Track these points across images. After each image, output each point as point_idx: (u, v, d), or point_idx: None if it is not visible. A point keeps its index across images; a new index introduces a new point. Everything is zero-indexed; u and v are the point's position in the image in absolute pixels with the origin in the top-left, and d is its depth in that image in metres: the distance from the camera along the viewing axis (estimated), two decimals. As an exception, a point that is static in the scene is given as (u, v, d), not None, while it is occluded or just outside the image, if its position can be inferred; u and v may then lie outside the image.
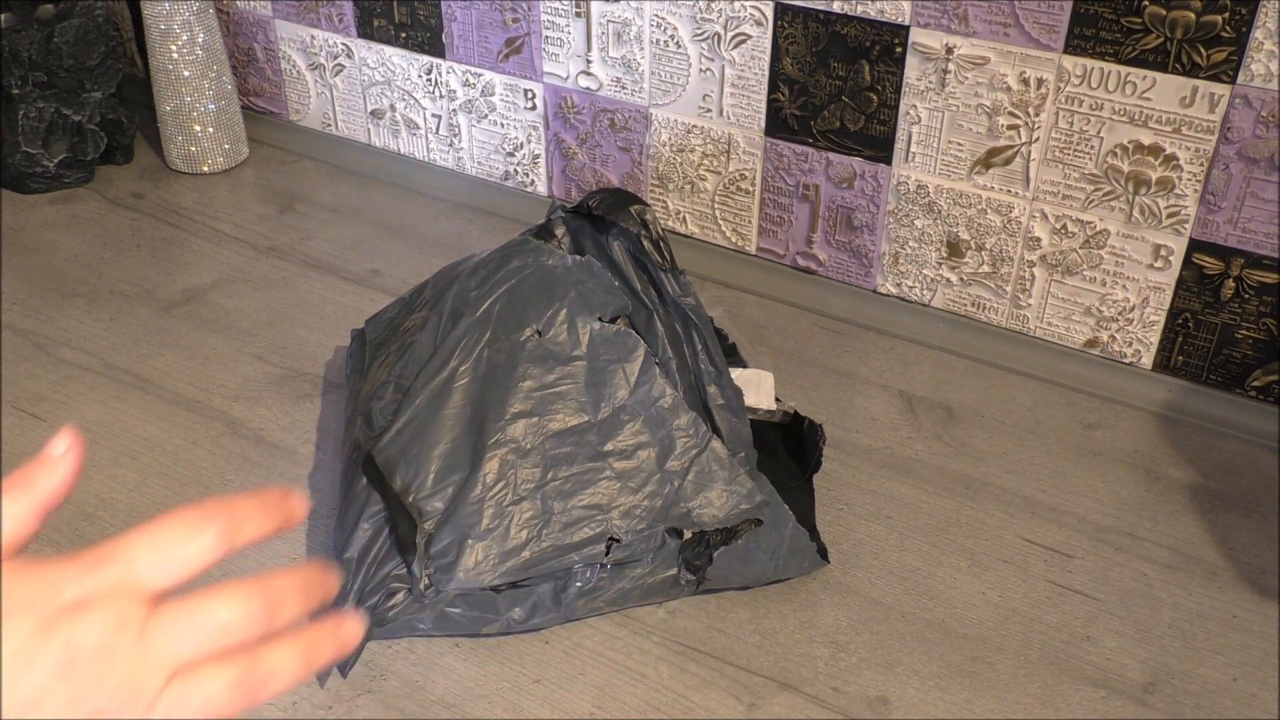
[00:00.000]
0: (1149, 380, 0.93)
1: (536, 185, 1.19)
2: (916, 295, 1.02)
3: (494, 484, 0.71)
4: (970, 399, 0.94)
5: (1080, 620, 0.74)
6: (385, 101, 1.24)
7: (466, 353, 0.75)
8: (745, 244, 1.08)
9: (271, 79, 1.31)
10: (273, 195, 1.23)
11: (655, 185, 1.11)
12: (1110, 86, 0.85)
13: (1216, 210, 0.86)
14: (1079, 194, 0.90)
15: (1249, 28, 0.79)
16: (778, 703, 0.68)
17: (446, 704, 0.67)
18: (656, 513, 0.72)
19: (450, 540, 0.70)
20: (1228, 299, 0.88)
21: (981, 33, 0.88)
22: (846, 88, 0.96)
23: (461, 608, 0.70)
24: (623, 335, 0.75)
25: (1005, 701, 0.68)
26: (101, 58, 1.22)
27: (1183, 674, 0.70)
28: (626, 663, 0.70)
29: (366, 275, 1.09)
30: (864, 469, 0.86)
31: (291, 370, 0.95)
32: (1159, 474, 0.86)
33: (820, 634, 0.72)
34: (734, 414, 0.77)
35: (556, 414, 0.73)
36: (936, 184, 0.96)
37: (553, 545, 0.70)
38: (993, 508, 0.82)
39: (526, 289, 0.77)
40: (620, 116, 1.09)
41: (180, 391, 0.92)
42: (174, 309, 1.03)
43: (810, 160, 1.01)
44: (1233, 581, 0.77)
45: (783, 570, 0.74)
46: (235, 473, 0.84)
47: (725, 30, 0.99)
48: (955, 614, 0.74)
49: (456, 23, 1.14)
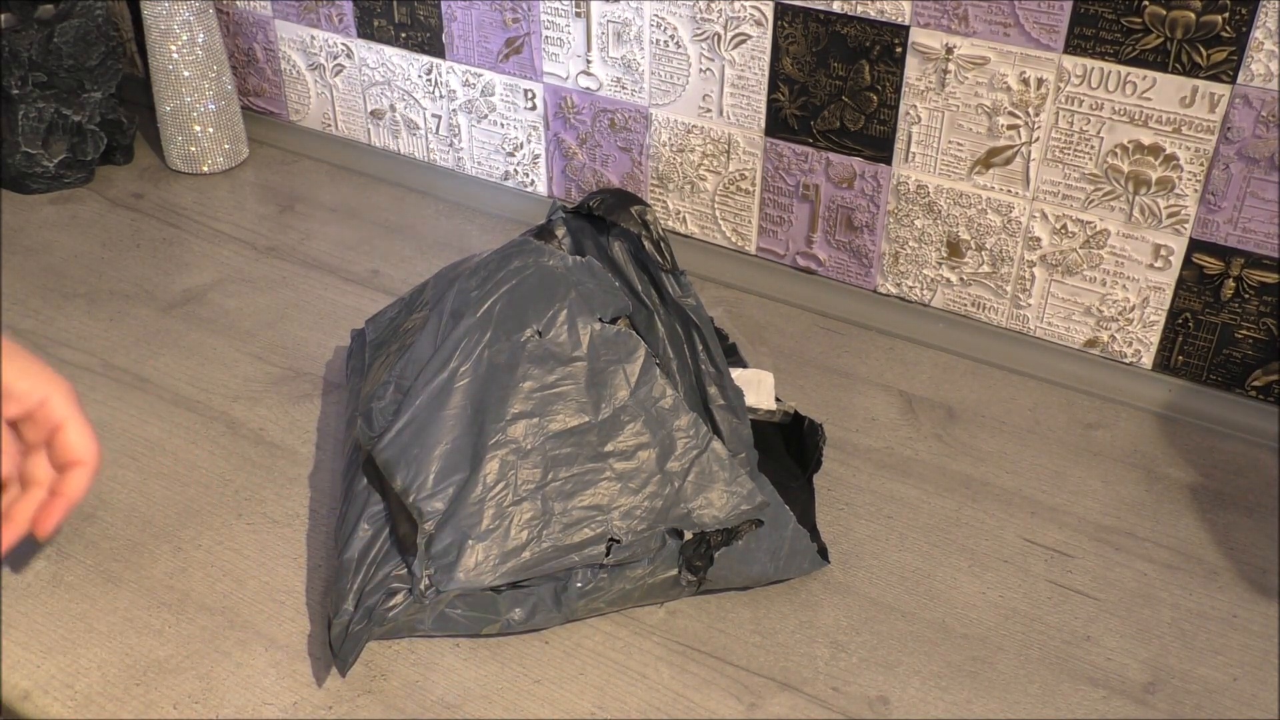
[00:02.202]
0: (1149, 380, 0.93)
1: (536, 185, 1.19)
2: (916, 295, 1.02)
3: (494, 484, 0.71)
4: (970, 399, 0.94)
5: (1080, 620, 0.74)
6: (385, 102, 1.24)
7: (467, 353, 0.75)
8: (745, 244, 1.09)
9: (271, 79, 1.31)
10: (273, 195, 1.23)
11: (655, 185, 1.11)
12: (1110, 86, 0.85)
13: (1216, 210, 0.86)
14: (1079, 194, 0.90)
15: (1249, 28, 0.79)
16: (778, 703, 0.68)
17: (447, 704, 0.67)
18: (657, 513, 0.72)
19: (451, 541, 0.70)
20: (1228, 299, 0.88)
21: (981, 33, 0.88)
22: (846, 88, 0.96)
23: (461, 608, 0.70)
24: (623, 336, 0.75)
25: (1005, 701, 0.68)
26: (101, 58, 1.22)
27: (1183, 674, 0.70)
28: (626, 663, 0.70)
29: (366, 275, 1.09)
30: (864, 469, 0.86)
31: (291, 370, 0.95)
32: (1159, 474, 0.86)
33: (820, 634, 0.72)
34: (735, 415, 0.77)
35: (557, 414, 0.73)
36: (936, 184, 0.96)
37: (553, 546, 0.70)
38: (993, 508, 0.83)
39: (527, 289, 0.77)
40: (620, 116, 1.09)
41: (180, 391, 0.92)
42: (174, 309, 1.03)
43: (810, 160, 1.01)
44: (1233, 581, 0.77)
45: (783, 571, 0.74)
46: (235, 473, 0.84)
47: (725, 30, 0.99)
48: (955, 614, 0.74)
49: (456, 23, 1.14)
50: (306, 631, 0.72)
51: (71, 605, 0.74)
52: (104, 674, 0.69)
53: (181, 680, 0.69)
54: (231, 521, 0.80)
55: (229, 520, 0.80)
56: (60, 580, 0.76)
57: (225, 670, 0.69)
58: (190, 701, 0.67)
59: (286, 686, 0.68)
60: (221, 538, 0.79)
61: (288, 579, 0.76)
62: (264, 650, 0.71)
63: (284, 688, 0.68)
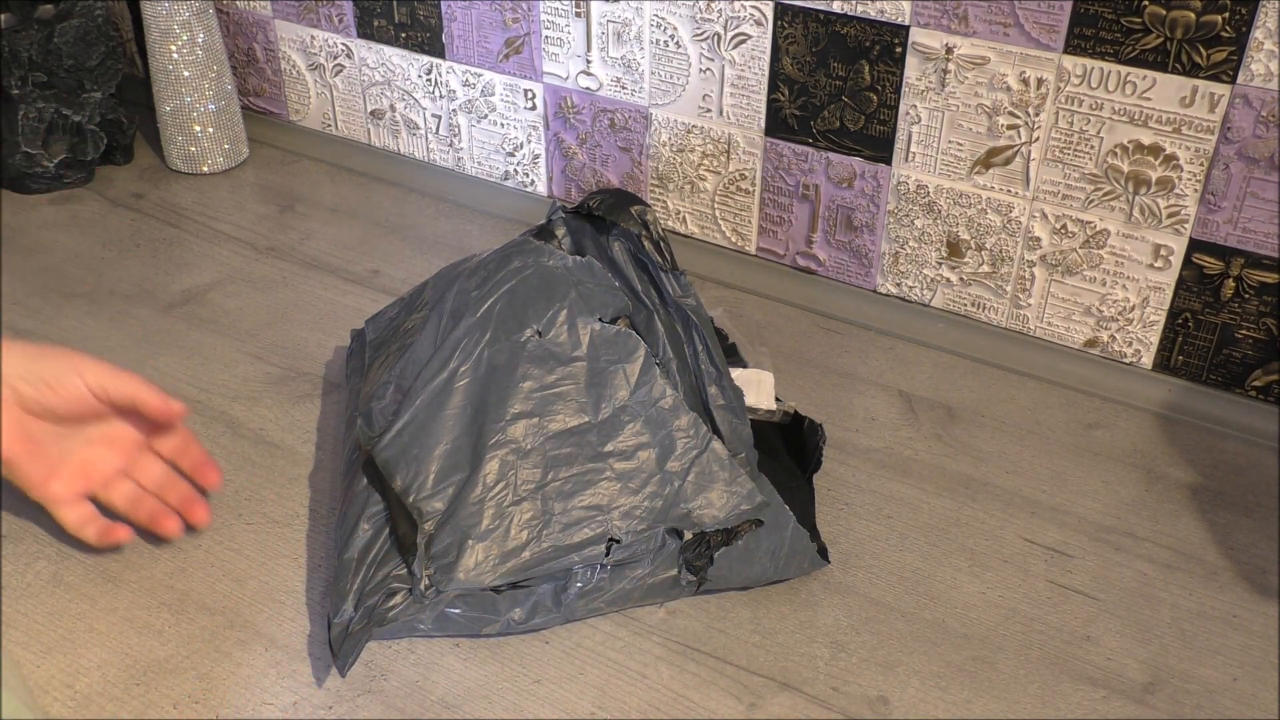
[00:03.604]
0: (1149, 380, 0.93)
1: (536, 185, 1.19)
2: (916, 295, 1.02)
3: (494, 484, 0.71)
4: (970, 399, 0.94)
5: (1080, 620, 0.74)
6: (385, 102, 1.24)
7: (467, 353, 0.75)
8: (745, 244, 1.09)
9: (271, 79, 1.31)
10: (273, 195, 1.23)
11: (655, 185, 1.11)
12: (1110, 86, 0.85)
13: (1216, 210, 0.86)
14: (1079, 194, 0.90)
15: (1249, 28, 0.79)
16: (778, 703, 0.68)
17: (447, 704, 0.67)
18: (657, 513, 0.72)
19: (450, 541, 0.70)
20: (1228, 299, 0.88)
21: (981, 33, 0.88)
22: (846, 88, 0.96)
23: (461, 608, 0.70)
24: (623, 336, 0.75)
25: (1005, 701, 0.68)
26: (101, 58, 1.22)
27: (1183, 674, 0.70)
28: (626, 663, 0.70)
29: (366, 275, 1.09)
30: (864, 469, 0.86)
31: (291, 370, 0.95)
32: (1159, 474, 0.86)
33: (820, 634, 0.72)
34: (735, 415, 0.77)
35: (557, 414, 0.73)
36: (936, 184, 0.96)
37: (553, 546, 0.70)
38: (993, 508, 0.83)
39: (527, 289, 0.77)
40: (620, 116, 1.09)
41: (180, 391, 0.92)
42: (174, 309, 1.03)
43: (810, 160, 1.01)
44: (1233, 581, 0.77)
45: (783, 570, 0.74)
46: (235, 473, 0.84)
47: (725, 30, 0.99)
48: (955, 614, 0.74)
49: (456, 23, 1.14)
50: (306, 631, 0.72)
51: (71, 605, 0.74)
52: (104, 674, 0.69)
53: (181, 680, 0.69)
54: (231, 521, 0.80)
55: (229, 520, 0.80)
56: (60, 580, 0.76)
57: (225, 670, 0.69)
58: (190, 701, 0.67)
59: (286, 686, 0.68)
60: (221, 538, 0.79)
61: (288, 579, 0.76)
62: (264, 650, 0.71)
63: (284, 688, 0.68)
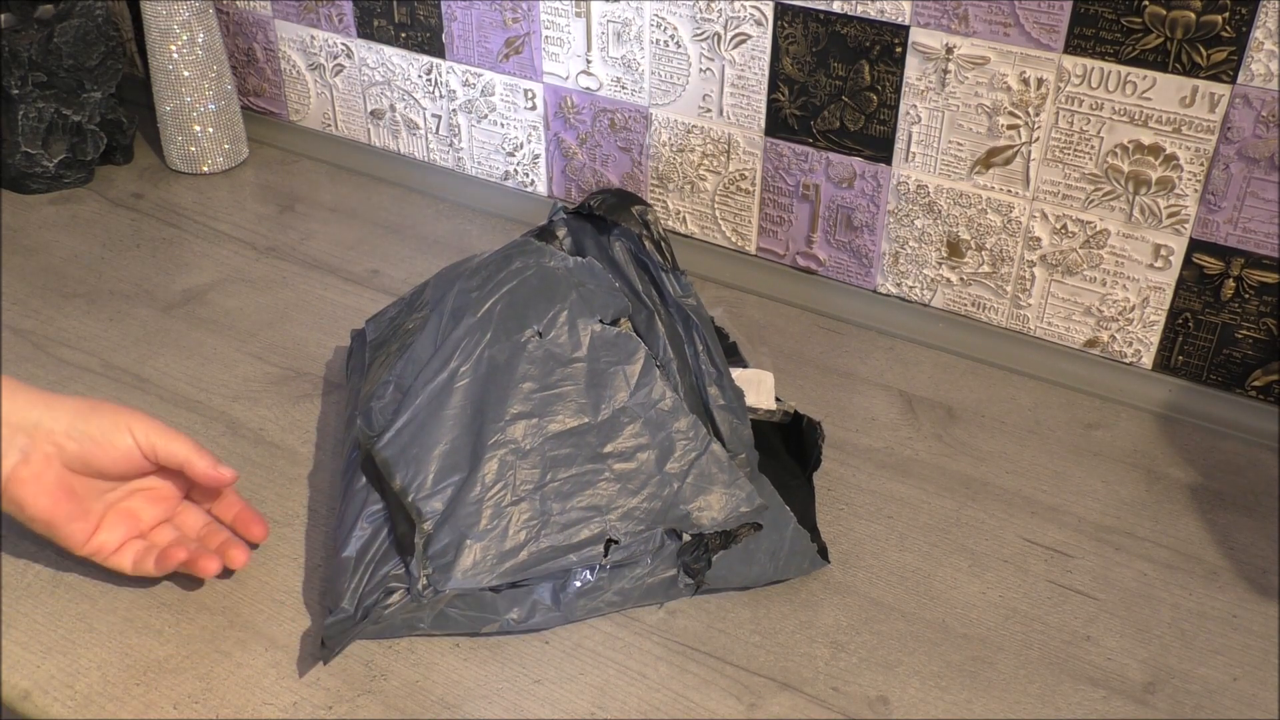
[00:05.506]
0: (1149, 380, 0.93)
1: (537, 185, 1.19)
2: (916, 295, 1.02)
3: (493, 484, 0.71)
4: (970, 399, 0.94)
5: (1080, 620, 0.74)
6: (385, 101, 1.24)
7: (467, 353, 0.75)
8: (745, 244, 1.09)
9: (271, 79, 1.31)
10: (273, 195, 1.23)
11: (655, 185, 1.11)
12: (1110, 86, 0.85)
13: (1216, 210, 0.86)
14: (1079, 194, 0.90)
15: (1249, 28, 0.79)
16: (778, 703, 0.68)
17: (447, 704, 0.67)
18: (655, 515, 0.72)
19: (449, 540, 0.70)
20: (1228, 299, 0.88)
21: (981, 33, 0.88)
22: (846, 88, 0.96)
23: (460, 607, 0.70)
24: (624, 338, 0.75)
25: (1005, 701, 0.68)
26: (101, 58, 1.22)
27: (1183, 674, 0.70)
28: (626, 663, 0.70)
29: (366, 275, 1.09)
30: (864, 469, 0.86)
31: (291, 370, 0.95)
32: (1159, 474, 0.86)
33: (820, 634, 0.72)
34: (735, 415, 0.77)
35: (556, 415, 0.73)
36: (936, 184, 0.96)
37: (551, 546, 0.70)
38: (993, 508, 0.83)
39: (527, 290, 0.77)
40: (620, 116, 1.09)
41: (180, 391, 0.92)
42: (174, 309, 1.03)
43: (810, 160, 1.01)
44: (1233, 581, 0.77)
45: (783, 571, 0.74)
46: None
47: (725, 30, 0.99)
48: (955, 614, 0.74)
49: (456, 23, 1.14)
50: (306, 631, 0.72)
51: (71, 605, 0.74)
52: (104, 674, 0.69)
53: (181, 680, 0.69)
54: (231, 521, 0.80)
55: (229, 520, 0.80)
56: (60, 580, 0.76)
57: (225, 670, 0.69)
58: (190, 701, 0.67)
59: (286, 686, 0.68)
60: (221, 538, 0.79)
61: (287, 579, 0.76)
62: (264, 650, 0.71)
63: (284, 688, 0.68)
